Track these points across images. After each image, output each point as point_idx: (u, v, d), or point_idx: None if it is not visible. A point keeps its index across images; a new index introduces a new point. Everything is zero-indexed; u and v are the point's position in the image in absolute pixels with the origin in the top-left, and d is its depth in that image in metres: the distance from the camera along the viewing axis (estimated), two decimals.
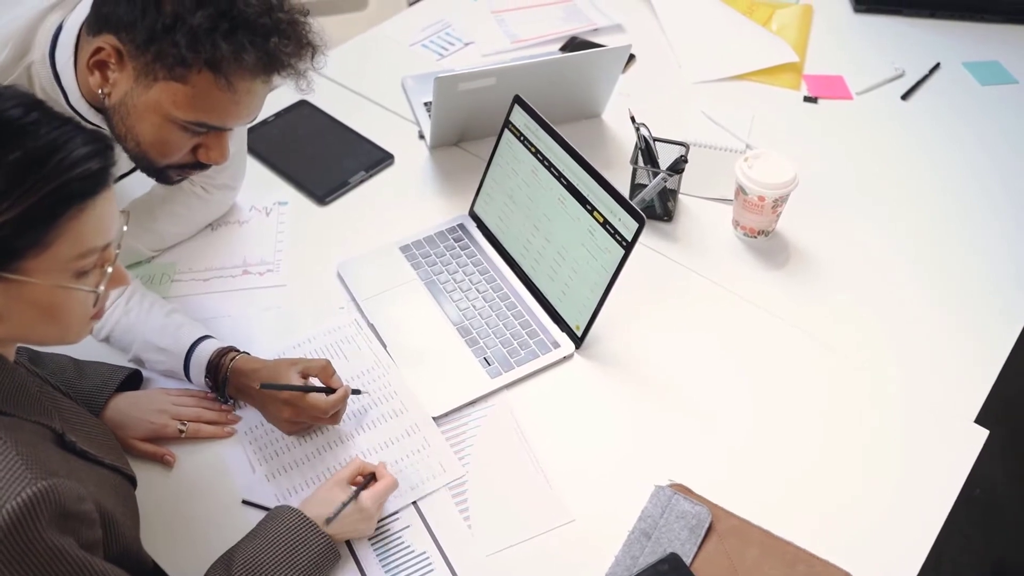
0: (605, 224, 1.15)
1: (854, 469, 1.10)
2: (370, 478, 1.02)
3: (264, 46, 0.94)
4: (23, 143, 0.72)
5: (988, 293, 1.31)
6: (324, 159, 1.49)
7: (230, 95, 0.96)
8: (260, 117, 1.50)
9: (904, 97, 1.66)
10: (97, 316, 0.83)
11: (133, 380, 1.14)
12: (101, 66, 0.97)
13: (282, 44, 0.95)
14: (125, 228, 0.83)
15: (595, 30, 1.80)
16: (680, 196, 1.43)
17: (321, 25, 1.03)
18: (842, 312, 1.28)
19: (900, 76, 1.70)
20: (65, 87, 1.02)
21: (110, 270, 0.81)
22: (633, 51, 1.67)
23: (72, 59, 1.00)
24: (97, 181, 0.75)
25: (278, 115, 1.57)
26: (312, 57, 1.00)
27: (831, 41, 1.79)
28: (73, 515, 0.75)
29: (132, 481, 0.96)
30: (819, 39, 1.80)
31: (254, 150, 1.46)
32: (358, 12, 2.62)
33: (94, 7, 0.97)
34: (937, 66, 1.72)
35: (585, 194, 1.18)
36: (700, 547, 1.01)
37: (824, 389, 1.19)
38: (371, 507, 1.00)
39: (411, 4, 2.02)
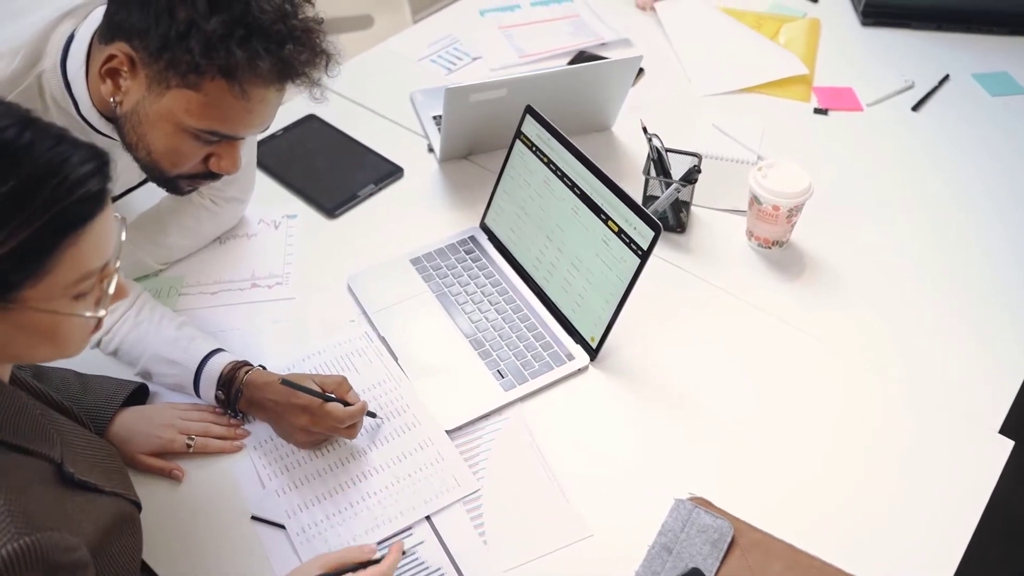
0: (620, 233, 1.14)
1: (877, 482, 1.08)
2: (363, 566, 0.92)
3: (279, 53, 0.92)
4: (18, 170, 0.68)
5: (1003, 302, 1.30)
6: (333, 172, 1.48)
7: (244, 103, 0.95)
8: (269, 131, 1.50)
9: (915, 108, 1.65)
10: (96, 330, 0.81)
11: (139, 395, 1.12)
12: (113, 74, 0.95)
13: (297, 52, 0.94)
14: (123, 237, 0.80)
15: (603, 44, 1.80)
16: (692, 207, 1.42)
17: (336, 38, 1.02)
18: (859, 322, 1.27)
19: (910, 87, 1.69)
20: (76, 96, 1.00)
21: (111, 290, 0.78)
22: (642, 65, 1.67)
23: (84, 68, 0.99)
24: (95, 203, 0.73)
25: (286, 129, 1.56)
26: (326, 66, 0.99)
27: (839, 54, 1.79)
28: (61, 567, 0.72)
29: (137, 505, 0.93)
30: (827, 52, 1.80)
31: (263, 164, 1.45)
32: (364, 31, 2.63)
33: (107, 15, 0.96)
34: (946, 77, 1.72)
35: (599, 203, 1.17)
36: (723, 562, 0.99)
37: (843, 400, 1.17)
38: None
39: (416, 21, 2.02)
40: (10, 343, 0.75)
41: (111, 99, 0.97)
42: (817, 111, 1.65)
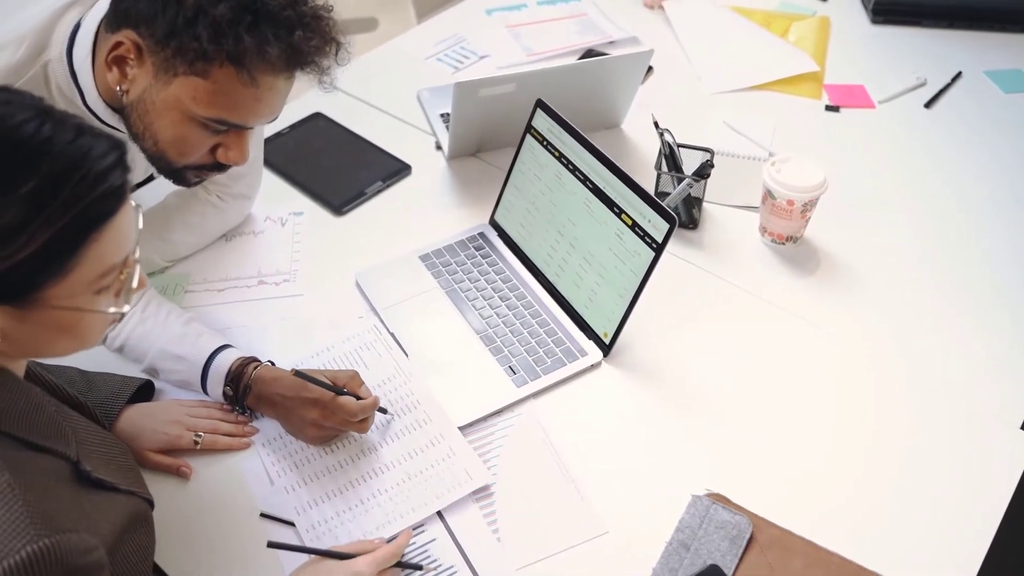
0: (634, 227, 1.12)
1: (896, 478, 1.06)
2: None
3: (288, 39, 0.91)
4: (39, 167, 0.66)
5: (1019, 297, 1.28)
6: (340, 170, 1.47)
7: (252, 90, 0.93)
8: (275, 128, 1.48)
9: (927, 105, 1.64)
10: (116, 321, 0.80)
11: (144, 392, 1.10)
12: (120, 62, 0.94)
13: (306, 38, 0.93)
14: (140, 225, 0.78)
15: (611, 43, 1.78)
16: (704, 204, 1.40)
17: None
18: (875, 318, 1.25)
19: (922, 85, 1.68)
20: (82, 86, 0.99)
21: (134, 283, 0.77)
22: (651, 63, 1.65)
23: (90, 57, 0.98)
24: (117, 198, 0.71)
25: (293, 127, 1.55)
26: (336, 53, 0.98)
27: (850, 52, 1.78)
28: (79, 569, 0.71)
29: (150, 503, 0.92)
30: (837, 50, 1.78)
31: (269, 162, 1.43)
32: (368, 33, 2.62)
33: (113, 3, 0.94)
34: (959, 75, 1.70)
35: (612, 197, 1.15)
36: (741, 558, 0.96)
37: (860, 395, 1.15)
38: (366, 571, 0.89)
39: (420, 22, 2.01)
40: (31, 340, 0.74)
41: (117, 88, 0.95)
42: (828, 108, 1.63)
